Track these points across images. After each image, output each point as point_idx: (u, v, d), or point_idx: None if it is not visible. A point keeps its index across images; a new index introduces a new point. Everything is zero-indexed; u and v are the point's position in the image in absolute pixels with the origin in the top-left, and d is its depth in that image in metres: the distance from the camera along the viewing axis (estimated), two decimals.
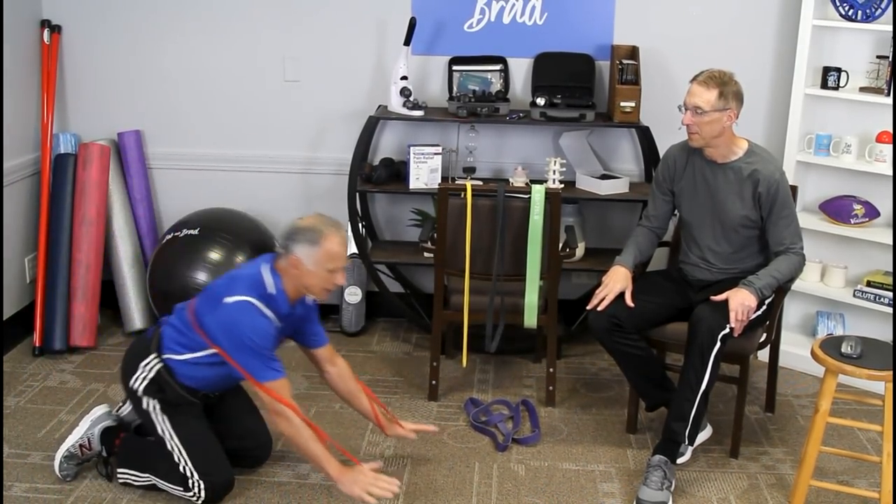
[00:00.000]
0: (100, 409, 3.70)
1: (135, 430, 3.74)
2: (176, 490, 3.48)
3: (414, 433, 3.81)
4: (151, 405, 3.46)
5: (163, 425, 3.46)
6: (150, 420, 3.48)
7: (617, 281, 3.82)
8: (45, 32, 4.88)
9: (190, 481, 3.43)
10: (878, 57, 4.42)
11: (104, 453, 3.63)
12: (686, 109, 3.71)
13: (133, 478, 3.55)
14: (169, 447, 3.45)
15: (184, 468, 3.43)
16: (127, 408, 3.73)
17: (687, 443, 3.71)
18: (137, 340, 3.63)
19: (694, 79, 3.72)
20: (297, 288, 3.38)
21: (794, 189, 4.00)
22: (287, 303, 3.38)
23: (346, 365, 3.75)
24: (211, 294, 3.38)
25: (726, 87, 3.66)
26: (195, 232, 4.67)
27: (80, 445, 3.61)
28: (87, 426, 3.64)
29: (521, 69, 4.93)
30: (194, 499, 3.46)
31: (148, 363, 3.46)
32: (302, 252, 3.30)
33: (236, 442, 3.64)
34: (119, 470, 3.57)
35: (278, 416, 3.30)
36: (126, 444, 3.62)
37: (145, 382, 3.45)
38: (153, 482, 3.52)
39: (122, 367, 3.57)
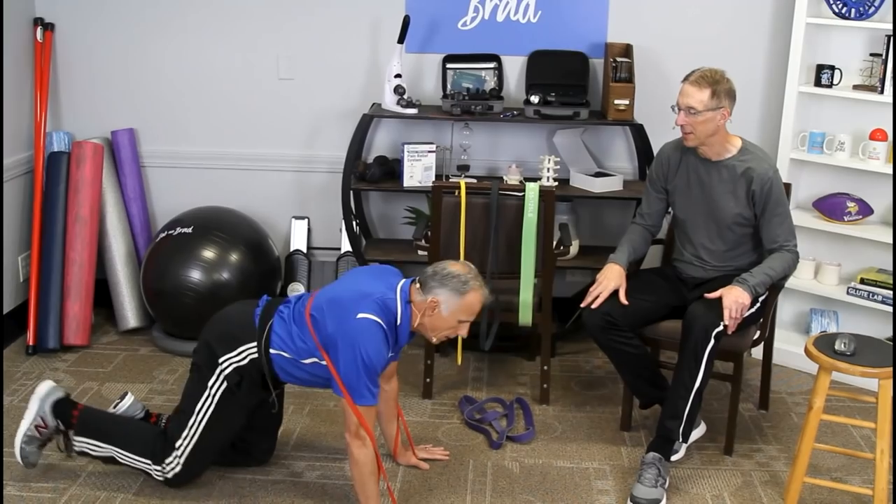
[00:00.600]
0: (45, 385, 3.60)
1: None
2: (139, 462, 3.45)
3: (426, 464, 3.79)
4: (218, 386, 3.39)
5: (206, 406, 3.40)
6: (199, 392, 3.41)
7: (611, 279, 3.82)
8: (39, 30, 4.87)
9: (171, 457, 3.42)
10: (872, 55, 4.43)
11: (61, 427, 3.55)
12: (679, 110, 3.71)
13: (90, 447, 3.51)
14: (190, 422, 3.41)
15: (179, 444, 3.41)
16: (125, 405, 3.71)
17: (681, 440, 3.72)
18: (240, 317, 3.47)
19: (685, 79, 3.72)
20: (420, 325, 3.37)
21: (787, 187, 4.01)
22: (407, 336, 3.38)
23: (397, 387, 3.74)
24: (339, 303, 3.29)
25: (718, 85, 3.66)
26: (189, 230, 4.67)
27: (36, 426, 3.53)
28: (38, 404, 3.54)
29: (514, 67, 4.93)
30: (158, 475, 3.44)
31: (248, 349, 3.38)
32: (443, 297, 3.29)
33: (246, 432, 3.63)
34: (76, 438, 3.51)
35: (357, 439, 3.25)
36: (84, 415, 3.55)
37: (234, 366, 3.38)
38: (112, 454, 3.48)
39: (216, 336, 3.45)
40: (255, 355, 3.38)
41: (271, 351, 3.37)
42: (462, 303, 3.30)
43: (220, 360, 3.39)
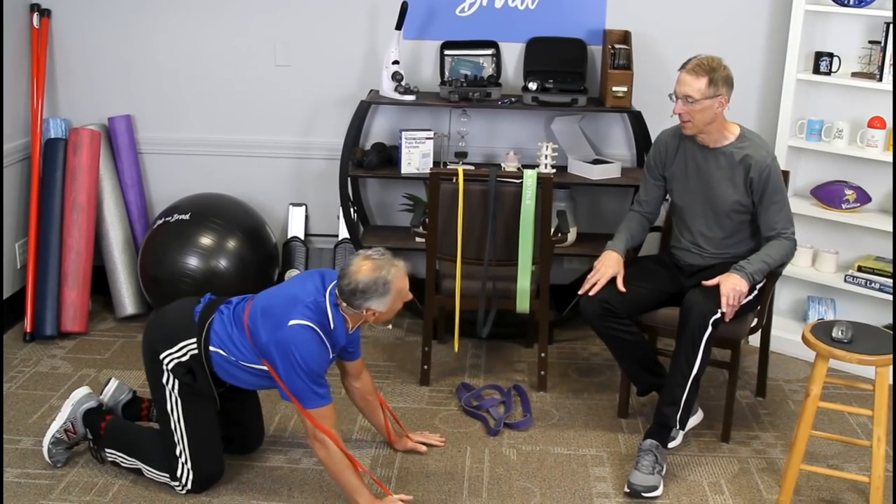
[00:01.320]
0: (80, 392, 3.67)
1: (122, 410, 3.75)
2: (161, 477, 3.47)
3: (423, 446, 3.80)
4: (172, 383, 3.39)
5: (174, 405, 3.41)
6: (161, 395, 3.42)
7: (609, 266, 3.82)
8: (35, 16, 4.85)
9: (179, 467, 3.42)
10: (871, 42, 4.42)
11: (89, 436, 3.61)
12: (676, 99, 3.71)
13: (120, 458, 3.54)
14: (172, 426, 3.42)
15: (179, 452, 3.42)
16: (109, 390, 3.73)
17: (678, 427, 3.73)
18: (180, 312, 3.46)
19: (682, 67, 3.71)
20: (361, 322, 3.37)
21: (785, 174, 4.00)
22: (344, 335, 3.37)
23: (370, 380, 3.73)
24: (270, 312, 3.27)
25: (715, 73, 3.65)
26: (186, 217, 4.66)
27: (66, 430, 3.59)
28: (70, 409, 3.61)
29: (513, 54, 4.92)
30: (179, 488, 3.45)
31: (188, 345, 3.37)
32: (377, 304, 3.26)
33: (231, 427, 3.63)
34: (107, 450, 3.55)
35: (317, 442, 3.26)
36: (111, 428, 3.59)
37: (176, 362, 3.37)
38: (139, 467, 3.51)
39: (156, 333, 3.45)
40: (195, 351, 3.37)
41: (210, 348, 3.36)
42: (393, 297, 3.27)
43: (162, 356, 3.38)
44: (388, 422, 3.78)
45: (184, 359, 3.37)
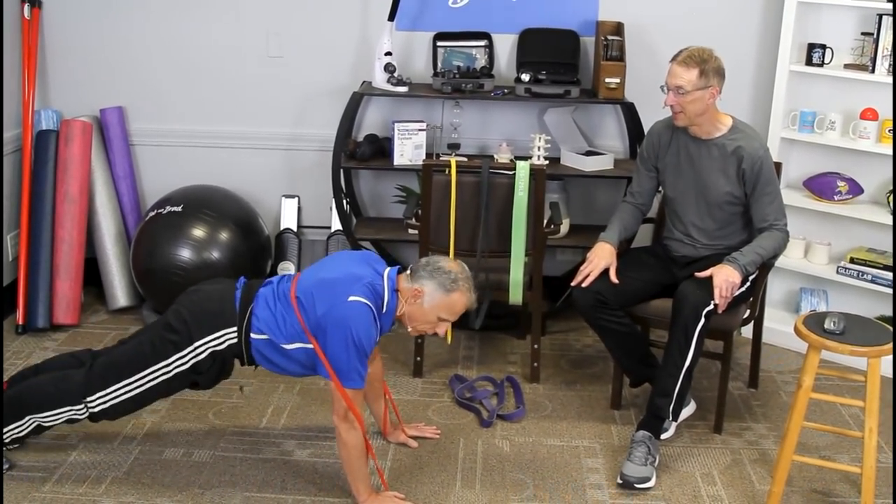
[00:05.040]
0: None
1: None
2: (61, 415, 3.39)
3: (415, 441, 3.80)
4: (185, 363, 3.33)
5: (160, 373, 3.33)
6: (155, 357, 3.32)
7: (601, 257, 3.82)
8: (26, 7, 4.83)
9: (97, 398, 3.36)
10: (863, 33, 4.42)
11: None
12: (668, 90, 3.71)
13: (16, 430, 3.45)
14: (131, 377, 3.33)
15: (113, 390, 3.35)
16: None
17: (671, 418, 3.74)
18: (218, 298, 3.38)
19: (673, 59, 3.71)
20: (401, 314, 3.36)
21: (778, 166, 4.00)
22: (391, 323, 3.37)
23: (381, 367, 3.73)
24: (328, 285, 3.25)
25: (706, 64, 3.65)
26: (178, 209, 4.66)
27: None
28: None
29: (505, 45, 4.92)
30: (81, 411, 3.38)
31: (227, 334, 3.32)
32: (429, 288, 3.28)
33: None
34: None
35: (346, 422, 3.22)
36: None
37: (211, 351, 3.33)
38: (36, 422, 3.42)
39: (193, 313, 3.35)
40: (234, 340, 3.33)
41: (252, 335, 3.32)
42: (445, 300, 3.29)
43: (198, 343, 3.33)
44: (386, 412, 3.78)
45: (220, 347, 3.34)
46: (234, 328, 3.33)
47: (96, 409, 3.39)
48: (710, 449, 3.84)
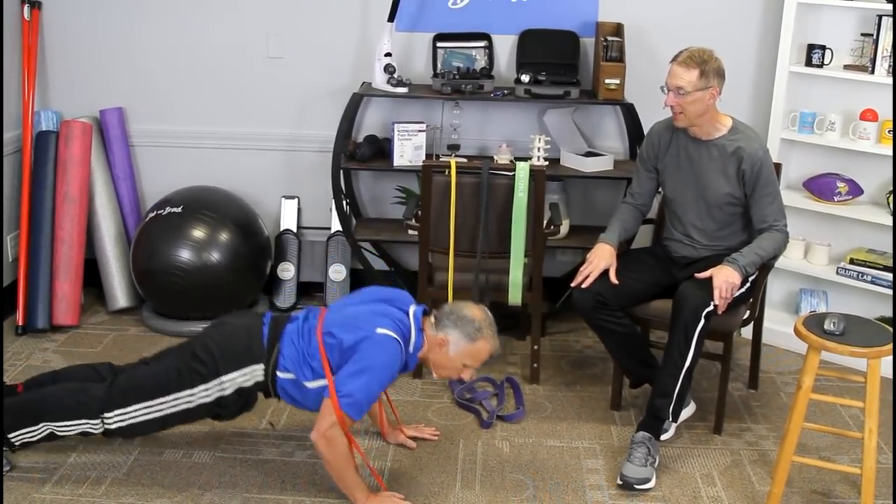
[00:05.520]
0: None
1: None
2: (76, 426, 3.39)
3: (413, 442, 3.80)
4: (208, 396, 3.34)
5: (182, 403, 3.35)
6: (179, 385, 3.32)
7: (601, 258, 3.82)
8: (26, 8, 4.83)
9: (115, 415, 3.36)
10: (863, 34, 4.42)
11: None
12: (668, 91, 3.71)
13: (28, 435, 3.44)
14: (153, 401, 3.35)
15: (131, 410, 3.35)
16: None
17: (671, 419, 3.73)
18: (246, 334, 3.38)
19: (673, 59, 3.71)
20: (426, 357, 3.38)
21: (777, 166, 4.00)
22: (414, 364, 3.39)
23: None
24: (356, 318, 3.29)
25: (706, 65, 3.65)
26: (178, 210, 4.66)
27: None
28: None
29: (505, 46, 4.91)
30: (97, 426, 3.38)
31: (254, 370, 3.34)
32: (454, 337, 3.32)
33: None
34: (10, 436, 3.44)
35: (324, 440, 3.20)
36: (4, 411, 3.45)
37: (237, 387, 3.34)
38: (50, 430, 3.42)
39: (221, 348, 3.35)
40: (261, 378, 3.35)
41: (278, 374, 3.34)
42: (471, 348, 3.33)
43: (224, 378, 3.33)
44: (384, 413, 3.78)
45: (246, 384, 3.36)
46: (262, 365, 3.35)
47: (112, 426, 3.39)
48: (709, 450, 3.84)
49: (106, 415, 3.37)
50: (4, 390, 3.56)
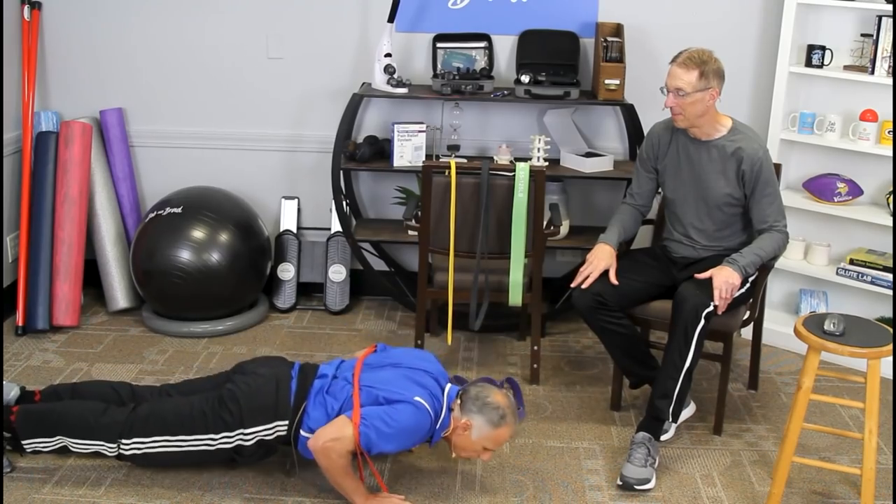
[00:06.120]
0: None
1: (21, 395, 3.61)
2: (91, 445, 3.41)
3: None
4: (227, 444, 3.37)
5: (200, 445, 3.37)
6: (201, 427, 3.35)
7: (601, 259, 3.82)
8: (26, 9, 4.83)
9: (133, 443, 3.38)
10: (863, 35, 4.42)
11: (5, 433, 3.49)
12: (668, 92, 3.71)
13: (42, 445, 3.45)
14: (172, 437, 3.38)
15: (148, 441, 3.37)
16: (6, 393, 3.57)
17: (671, 420, 3.73)
18: (274, 388, 3.37)
19: (673, 60, 3.71)
20: (448, 437, 3.40)
21: (777, 167, 4.01)
22: (439, 439, 3.41)
23: None
24: (398, 379, 3.35)
25: (706, 66, 3.65)
26: (178, 210, 4.66)
27: None
28: None
29: (505, 47, 4.92)
30: (113, 449, 3.39)
31: (278, 426, 3.35)
32: (477, 422, 3.34)
33: None
34: (24, 442, 3.45)
35: (325, 451, 3.22)
36: (23, 417, 3.46)
37: (258, 439, 3.36)
38: (64, 444, 3.43)
39: (248, 401, 3.35)
40: (284, 433, 3.36)
41: (302, 433, 3.35)
42: (493, 434, 3.35)
43: (248, 430, 3.35)
44: None
45: (268, 437, 3.37)
46: (286, 422, 3.36)
47: (127, 452, 3.41)
48: (709, 450, 3.84)
49: (124, 441, 3.39)
50: (23, 395, 3.59)
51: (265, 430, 3.36)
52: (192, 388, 3.56)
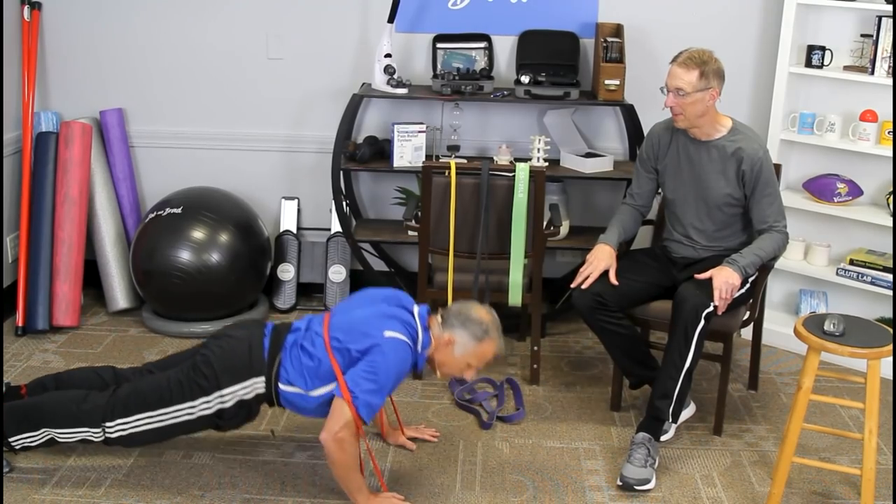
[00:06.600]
0: None
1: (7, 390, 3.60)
2: (77, 434, 3.40)
3: (413, 444, 3.79)
4: (208, 409, 3.35)
5: (181, 415, 3.36)
6: (180, 397, 3.33)
7: (601, 259, 3.82)
8: (26, 9, 4.83)
9: (117, 425, 3.36)
10: (863, 35, 4.43)
11: None
12: (668, 92, 3.71)
13: (28, 440, 3.44)
14: (153, 412, 3.36)
15: (132, 420, 3.36)
16: None
17: (671, 420, 3.73)
18: (247, 346, 3.37)
19: (673, 60, 3.71)
20: (431, 357, 3.39)
21: (777, 167, 4.01)
22: (424, 360, 3.39)
23: None
24: (363, 322, 3.29)
25: (706, 66, 3.65)
26: (178, 211, 4.66)
27: None
28: None
29: (505, 47, 4.92)
30: (98, 434, 3.39)
31: (255, 383, 3.34)
32: (460, 338, 3.34)
33: None
34: (10, 439, 3.44)
35: (334, 442, 3.19)
36: (5, 414, 3.44)
37: (238, 399, 3.35)
38: (50, 436, 3.42)
39: (222, 362, 3.34)
40: (262, 390, 3.35)
41: (280, 386, 3.34)
42: (476, 349, 3.35)
43: (225, 391, 3.34)
44: (384, 414, 3.78)
45: (247, 396, 3.36)
46: (262, 378, 3.35)
47: (113, 435, 3.40)
48: (709, 451, 3.84)
49: (107, 423, 3.38)
50: (9, 391, 3.57)
51: (242, 388, 3.34)
52: (171, 363, 3.54)
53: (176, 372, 3.41)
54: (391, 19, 4.66)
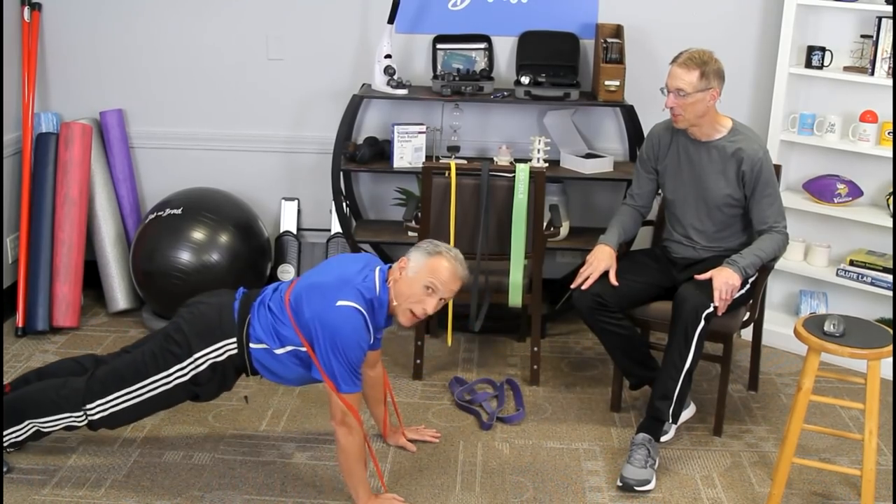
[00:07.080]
0: None
1: None
2: (60, 420, 3.41)
3: (413, 445, 3.79)
4: (184, 375, 3.35)
5: (159, 385, 3.35)
6: (155, 367, 3.34)
7: (601, 260, 3.82)
8: (26, 10, 4.83)
9: (97, 406, 3.37)
10: (863, 36, 4.42)
11: None
12: (668, 92, 3.71)
13: (15, 435, 3.45)
14: (131, 386, 3.36)
15: (112, 399, 3.37)
16: None
17: (671, 421, 3.73)
18: (217, 309, 3.40)
19: (673, 61, 3.71)
20: (394, 305, 3.32)
21: (777, 168, 4.01)
22: (385, 316, 3.36)
23: (383, 371, 3.73)
24: (318, 289, 3.27)
25: (707, 66, 3.65)
26: (178, 211, 4.66)
27: None
28: None
29: (505, 48, 4.92)
30: (80, 418, 3.40)
31: (227, 345, 3.35)
32: (414, 258, 3.33)
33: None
34: None
35: (344, 426, 3.21)
36: None
37: (210, 362, 3.35)
38: (35, 428, 3.43)
39: (192, 326, 3.37)
40: (234, 350, 3.35)
41: (251, 345, 3.34)
42: (429, 264, 3.29)
43: (198, 354, 3.35)
44: (386, 415, 3.78)
45: (220, 359, 3.36)
46: (234, 339, 3.35)
47: (95, 417, 3.40)
48: (709, 451, 3.84)
49: (88, 406, 3.38)
50: None
51: (214, 351, 3.35)
52: (146, 339, 3.54)
53: (150, 345, 3.42)
54: (391, 20, 4.66)
